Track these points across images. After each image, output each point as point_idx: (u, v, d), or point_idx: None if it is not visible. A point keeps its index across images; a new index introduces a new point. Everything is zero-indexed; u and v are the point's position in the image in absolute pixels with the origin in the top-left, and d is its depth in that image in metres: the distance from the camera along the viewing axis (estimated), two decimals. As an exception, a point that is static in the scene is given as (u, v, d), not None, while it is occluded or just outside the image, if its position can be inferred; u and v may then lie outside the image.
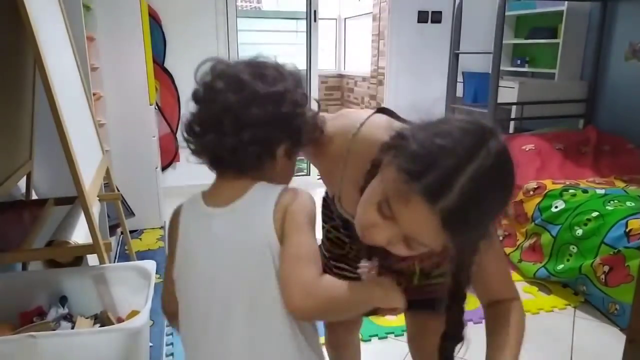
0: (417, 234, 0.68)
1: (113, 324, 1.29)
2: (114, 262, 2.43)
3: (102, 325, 1.31)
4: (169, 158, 3.59)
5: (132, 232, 2.78)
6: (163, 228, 3.03)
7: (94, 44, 2.61)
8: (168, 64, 3.46)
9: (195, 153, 0.79)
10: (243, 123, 0.73)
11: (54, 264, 1.48)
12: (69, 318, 1.31)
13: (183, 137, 0.79)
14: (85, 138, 1.68)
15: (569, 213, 2.31)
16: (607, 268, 2.02)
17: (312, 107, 0.85)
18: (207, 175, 0.83)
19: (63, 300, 1.37)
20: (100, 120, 2.55)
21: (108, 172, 1.96)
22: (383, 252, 0.75)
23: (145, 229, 2.99)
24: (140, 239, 2.88)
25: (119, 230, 2.56)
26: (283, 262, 0.72)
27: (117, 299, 1.41)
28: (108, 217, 2.26)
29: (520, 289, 1.99)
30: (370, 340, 1.91)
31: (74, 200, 1.70)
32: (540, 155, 2.90)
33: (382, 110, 0.92)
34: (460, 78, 3.64)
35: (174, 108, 3.49)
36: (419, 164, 0.63)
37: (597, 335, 1.98)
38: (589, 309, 2.16)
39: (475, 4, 3.47)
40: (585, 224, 2.20)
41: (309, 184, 3.48)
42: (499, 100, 3.09)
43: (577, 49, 3.47)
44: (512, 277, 0.91)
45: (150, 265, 1.37)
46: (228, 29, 3.54)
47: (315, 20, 3.85)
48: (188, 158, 0.80)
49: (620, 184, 2.61)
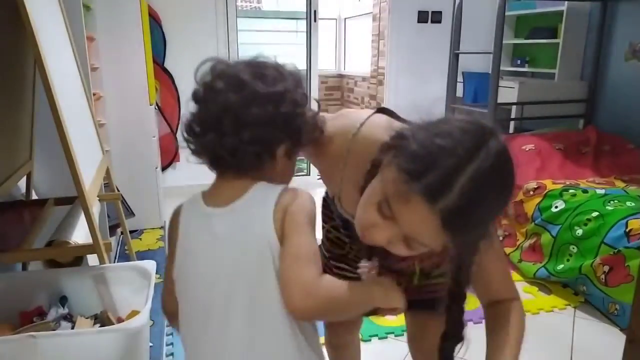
0: (417, 234, 0.67)
1: (113, 324, 1.29)
2: (114, 262, 2.43)
3: (102, 326, 1.31)
4: (169, 158, 3.60)
5: (132, 232, 2.78)
6: (163, 228, 3.03)
7: (94, 44, 2.61)
8: (168, 64, 3.46)
9: (195, 153, 0.79)
10: (243, 123, 0.73)
11: (54, 264, 1.48)
12: (69, 318, 1.31)
13: (183, 137, 0.79)
14: (85, 138, 1.68)
15: (569, 213, 2.31)
16: (607, 268, 2.02)
17: (312, 107, 0.85)
18: (207, 175, 0.83)
19: (63, 300, 1.37)
20: (100, 120, 2.55)
21: (108, 172, 1.96)
22: (383, 252, 0.75)
23: (145, 229, 2.99)
24: (140, 239, 2.88)
25: (119, 230, 2.56)
26: (283, 262, 0.72)
27: (117, 299, 1.41)
28: (108, 217, 2.26)
29: (520, 289, 1.99)
30: (370, 340, 1.91)
31: (74, 200, 1.70)
32: (540, 155, 2.90)
33: (382, 110, 0.92)
34: (460, 78, 3.64)
35: (174, 108, 3.49)
36: (419, 164, 0.63)
37: (597, 336, 1.98)
38: (589, 309, 2.16)
39: (475, 4, 3.47)
40: (585, 224, 2.20)
41: (309, 184, 3.47)
42: (499, 100, 3.09)
43: (577, 49, 3.48)
44: (512, 277, 0.91)
45: (150, 265, 1.37)
46: (228, 29, 3.54)
47: (315, 20, 3.85)
48: (188, 158, 0.80)
49: (620, 184, 2.61)
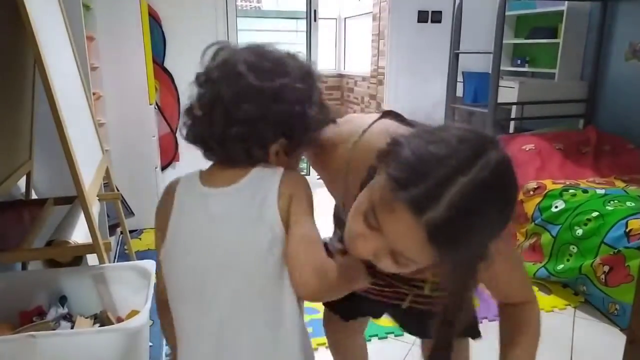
0: (401, 247, 0.63)
1: (113, 324, 1.29)
2: (114, 261, 2.43)
3: (101, 325, 1.31)
4: (169, 158, 3.59)
5: (131, 231, 2.78)
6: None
7: (94, 44, 2.61)
8: (168, 64, 3.45)
9: (188, 138, 0.79)
10: (232, 117, 0.73)
11: (54, 264, 1.47)
12: (69, 318, 1.31)
13: (183, 121, 0.79)
14: (85, 138, 1.68)
15: (569, 213, 2.31)
16: (607, 268, 2.02)
17: (323, 103, 0.81)
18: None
19: (63, 300, 1.37)
20: (100, 120, 2.54)
21: (108, 171, 1.96)
22: None
23: (145, 229, 2.99)
24: (140, 239, 2.88)
25: (119, 230, 2.56)
26: (295, 245, 0.72)
27: (116, 299, 1.41)
28: (108, 216, 2.26)
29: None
30: (370, 340, 1.91)
31: (74, 200, 1.70)
32: (541, 155, 2.90)
33: (388, 114, 0.89)
34: (460, 78, 3.63)
35: (174, 108, 3.49)
36: (408, 172, 0.59)
37: (597, 336, 1.98)
38: (589, 309, 2.16)
39: (476, 4, 3.47)
40: (585, 224, 2.20)
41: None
42: (499, 100, 3.09)
43: (577, 49, 3.47)
44: (527, 281, 0.89)
45: (150, 265, 1.37)
46: (228, 29, 3.53)
47: (315, 20, 3.85)
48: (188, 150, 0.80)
49: (621, 184, 2.61)
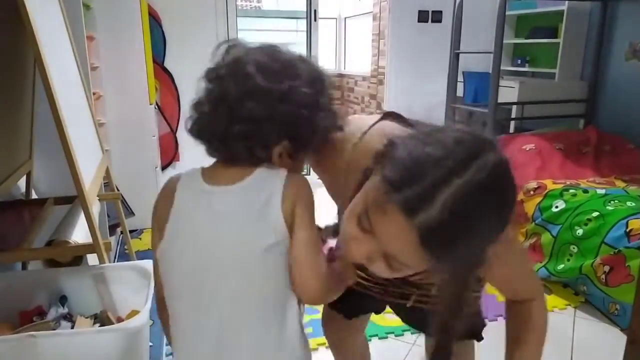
0: (394, 250, 0.62)
1: (113, 324, 1.29)
2: (114, 261, 2.43)
3: (102, 325, 1.31)
4: (169, 158, 3.58)
5: (131, 231, 2.77)
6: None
7: (94, 43, 2.61)
8: (168, 64, 3.45)
9: (192, 132, 0.78)
10: (235, 116, 0.73)
11: (54, 264, 1.47)
12: (69, 318, 1.31)
13: (190, 114, 0.79)
14: (85, 137, 1.67)
15: (570, 213, 2.30)
16: (607, 268, 2.02)
17: (331, 109, 0.79)
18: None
19: (63, 300, 1.37)
20: (100, 120, 2.54)
21: (108, 171, 1.96)
22: None
23: (145, 229, 2.98)
24: (140, 239, 2.88)
25: (119, 230, 2.56)
26: (300, 248, 0.73)
27: (117, 299, 1.41)
28: (108, 216, 2.26)
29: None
30: (371, 340, 1.91)
31: (74, 200, 1.70)
32: (541, 155, 2.89)
33: (389, 115, 0.87)
34: (461, 78, 3.63)
35: (174, 107, 3.48)
36: (402, 174, 0.58)
37: (597, 336, 1.98)
38: (590, 309, 2.16)
39: (476, 4, 3.47)
40: (586, 224, 2.19)
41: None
42: (500, 100, 3.09)
43: (577, 49, 3.47)
44: (533, 278, 0.89)
45: (150, 265, 1.36)
46: (228, 29, 3.53)
47: (316, 20, 3.85)
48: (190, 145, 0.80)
49: (621, 184, 2.61)
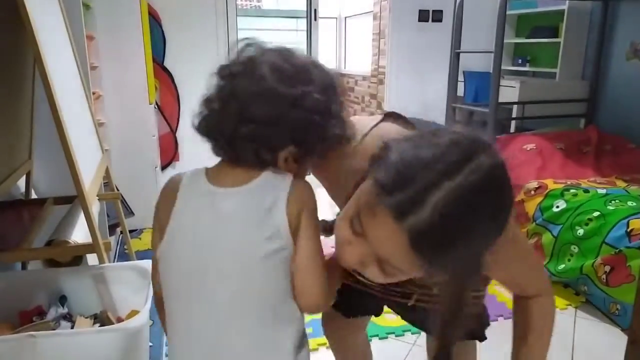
0: (385, 254, 0.62)
1: (113, 324, 1.29)
2: (114, 261, 2.42)
3: (101, 325, 1.31)
4: (169, 157, 3.58)
5: (131, 231, 2.77)
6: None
7: (94, 43, 2.60)
8: (168, 63, 3.44)
9: (199, 129, 0.78)
10: (244, 116, 0.72)
11: (54, 264, 1.47)
12: (69, 318, 1.31)
13: (199, 110, 0.78)
14: (85, 137, 1.67)
15: (570, 213, 2.30)
16: (608, 268, 2.02)
17: (341, 117, 0.78)
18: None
19: (63, 300, 1.36)
20: (100, 120, 2.54)
21: (107, 171, 1.95)
22: None
23: (145, 229, 2.98)
24: (140, 239, 2.87)
25: (119, 230, 2.55)
26: (305, 256, 0.73)
27: (116, 299, 1.41)
28: (107, 216, 2.25)
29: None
30: (371, 340, 1.89)
31: (74, 200, 1.69)
32: (542, 155, 2.89)
33: (390, 116, 0.86)
34: (461, 77, 3.63)
35: (174, 107, 3.48)
36: (394, 177, 0.58)
37: (598, 336, 1.97)
38: (590, 309, 2.15)
39: (477, 3, 3.46)
40: (587, 224, 2.19)
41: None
42: (500, 100, 3.08)
43: (578, 49, 3.47)
44: (540, 274, 0.90)
45: (150, 265, 1.36)
46: (228, 28, 3.53)
47: (316, 19, 3.84)
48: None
49: (622, 184, 2.61)
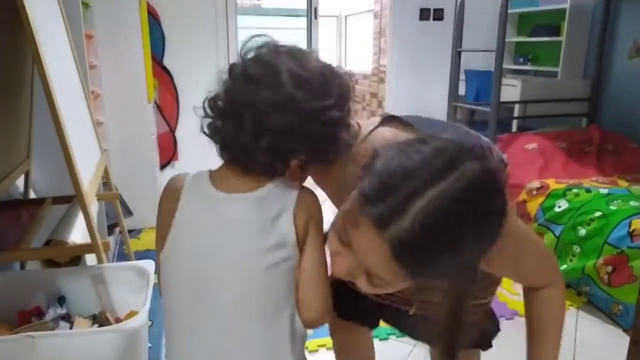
0: (369, 264, 0.61)
1: (111, 324, 1.28)
2: (113, 261, 2.41)
3: (100, 326, 1.30)
4: (168, 157, 3.57)
5: (130, 231, 2.77)
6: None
7: (93, 42, 2.59)
8: (167, 62, 3.43)
9: (208, 132, 0.75)
10: (262, 126, 0.69)
11: (52, 264, 1.46)
12: (67, 318, 1.31)
13: (204, 110, 0.75)
14: (84, 137, 1.67)
15: (572, 213, 2.29)
16: (610, 268, 2.01)
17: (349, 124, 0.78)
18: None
19: (61, 300, 1.36)
20: (99, 119, 2.53)
21: (106, 171, 1.95)
22: None
23: (144, 229, 2.97)
24: (139, 239, 2.87)
25: (118, 230, 2.55)
26: (312, 266, 0.73)
27: (115, 299, 1.40)
28: (106, 216, 2.25)
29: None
30: (372, 341, 1.90)
31: (72, 200, 1.68)
32: (543, 155, 2.88)
33: (389, 119, 0.85)
34: (463, 76, 3.62)
35: (173, 106, 3.47)
36: (377, 186, 0.57)
37: (600, 336, 1.96)
38: (592, 310, 2.14)
39: (478, 1, 3.45)
40: (589, 224, 2.18)
41: (309, 185, 3.46)
42: (502, 99, 3.07)
43: (580, 47, 3.46)
44: (549, 265, 0.88)
45: (149, 265, 1.36)
46: (228, 27, 3.52)
47: (316, 18, 3.83)
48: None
49: (624, 184, 2.60)
